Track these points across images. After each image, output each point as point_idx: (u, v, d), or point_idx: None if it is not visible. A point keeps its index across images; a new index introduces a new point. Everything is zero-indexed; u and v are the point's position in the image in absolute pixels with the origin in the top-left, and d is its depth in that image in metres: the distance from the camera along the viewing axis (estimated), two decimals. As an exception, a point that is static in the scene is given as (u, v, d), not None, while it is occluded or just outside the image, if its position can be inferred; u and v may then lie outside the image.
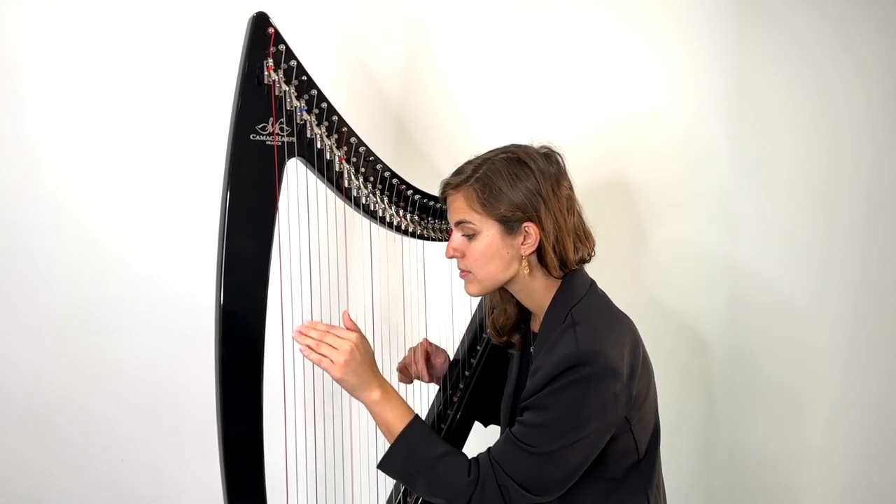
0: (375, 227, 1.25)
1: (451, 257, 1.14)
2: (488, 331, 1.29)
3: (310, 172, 1.16)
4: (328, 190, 1.19)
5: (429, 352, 1.36)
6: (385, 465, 1.09)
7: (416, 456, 1.07)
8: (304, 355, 1.08)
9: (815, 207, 1.89)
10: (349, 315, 1.14)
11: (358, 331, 1.12)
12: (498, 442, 1.08)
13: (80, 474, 1.63)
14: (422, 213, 1.26)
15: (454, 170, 1.14)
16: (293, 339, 1.09)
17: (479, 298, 1.43)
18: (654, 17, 1.82)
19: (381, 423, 1.10)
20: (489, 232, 1.09)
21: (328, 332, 1.09)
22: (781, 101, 1.86)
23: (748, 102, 1.86)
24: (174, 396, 1.66)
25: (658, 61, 1.83)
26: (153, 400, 1.65)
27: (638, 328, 1.15)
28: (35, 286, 1.58)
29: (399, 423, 1.08)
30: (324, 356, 1.07)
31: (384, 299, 1.66)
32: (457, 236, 1.12)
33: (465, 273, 1.14)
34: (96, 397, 1.63)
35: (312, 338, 1.08)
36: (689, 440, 1.93)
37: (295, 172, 1.16)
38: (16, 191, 1.56)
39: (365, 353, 1.10)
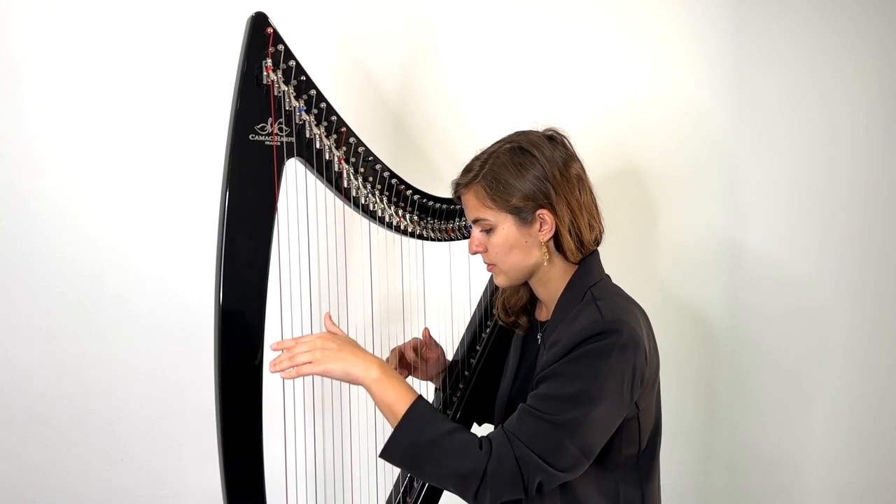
0: (375, 227, 1.24)
1: (474, 253, 1.16)
2: (497, 310, 1.29)
3: (309, 172, 1.16)
4: (327, 190, 1.19)
5: (423, 343, 1.34)
6: (389, 449, 1.03)
7: (423, 436, 1.02)
8: (285, 378, 1.06)
9: (819, 203, 1.89)
10: (330, 317, 1.14)
11: (334, 329, 1.12)
12: (512, 416, 1.05)
13: (80, 474, 1.63)
14: (421, 213, 1.26)
15: (463, 168, 1.14)
16: (270, 371, 1.07)
17: (478, 298, 1.43)
18: (660, 7, 1.82)
19: (382, 405, 1.05)
20: (505, 225, 1.10)
21: (295, 343, 1.07)
22: (788, 91, 1.86)
23: (754, 92, 1.86)
24: (174, 396, 1.66)
25: (662, 52, 1.83)
26: (153, 400, 1.65)
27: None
28: (35, 286, 1.58)
29: (402, 403, 1.04)
30: (300, 364, 1.05)
31: (384, 300, 1.66)
32: (476, 232, 1.14)
33: (491, 266, 1.16)
34: (96, 397, 1.63)
35: (284, 359, 1.06)
36: (688, 439, 1.93)
37: (294, 172, 1.16)
38: (16, 191, 1.56)
39: (340, 341, 1.08)
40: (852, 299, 1.92)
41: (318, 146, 1.13)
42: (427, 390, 1.43)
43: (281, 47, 1.07)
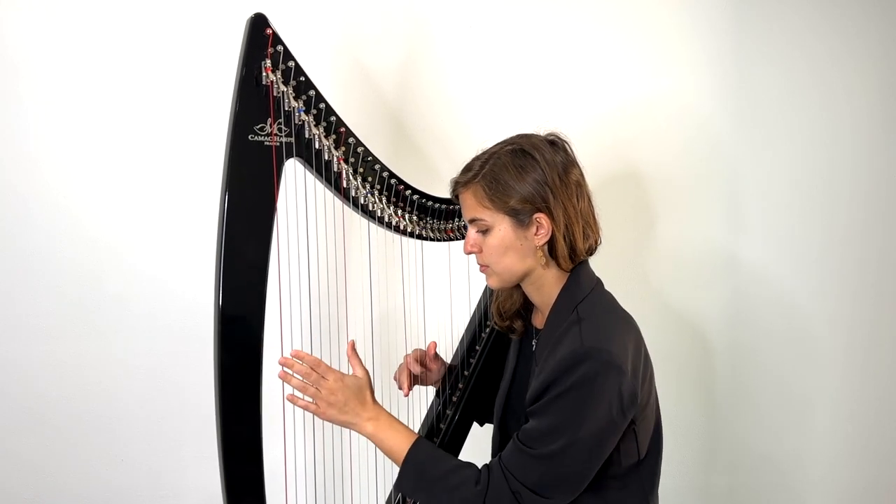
0: (374, 227, 1.25)
1: (468, 253, 1.15)
2: (492, 314, 1.29)
3: (308, 173, 1.16)
4: (327, 190, 1.19)
5: (426, 354, 1.35)
6: (400, 487, 1.12)
7: (426, 476, 1.09)
8: (290, 402, 1.11)
9: (819, 205, 1.89)
10: (353, 346, 1.17)
11: (360, 367, 1.16)
12: (507, 447, 1.08)
13: (80, 474, 1.64)
14: (420, 213, 1.26)
15: (463, 167, 1.14)
16: (279, 376, 1.11)
17: (477, 298, 1.43)
18: (660, 7, 1.82)
19: (384, 452, 1.13)
20: (501, 226, 1.10)
21: (311, 372, 1.11)
22: (788, 91, 1.86)
23: (754, 93, 1.86)
24: (174, 397, 1.66)
25: (662, 52, 1.83)
26: (153, 400, 1.65)
27: (639, 324, 1.15)
28: (35, 287, 1.58)
29: (401, 448, 1.11)
30: (309, 402, 1.11)
31: (383, 300, 1.66)
32: (472, 232, 1.13)
33: (483, 268, 1.15)
34: (96, 397, 1.63)
35: (298, 379, 1.11)
36: (688, 440, 1.93)
37: (293, 173, 1.16)
38: (16, 191, 1.56)
39: (351, 390, 1.12)
40: (852, 299, 1.92)
41: (317, 146, 1.13)
42: (429, 392, 1.43)
43: (280, 48, 1.07)
